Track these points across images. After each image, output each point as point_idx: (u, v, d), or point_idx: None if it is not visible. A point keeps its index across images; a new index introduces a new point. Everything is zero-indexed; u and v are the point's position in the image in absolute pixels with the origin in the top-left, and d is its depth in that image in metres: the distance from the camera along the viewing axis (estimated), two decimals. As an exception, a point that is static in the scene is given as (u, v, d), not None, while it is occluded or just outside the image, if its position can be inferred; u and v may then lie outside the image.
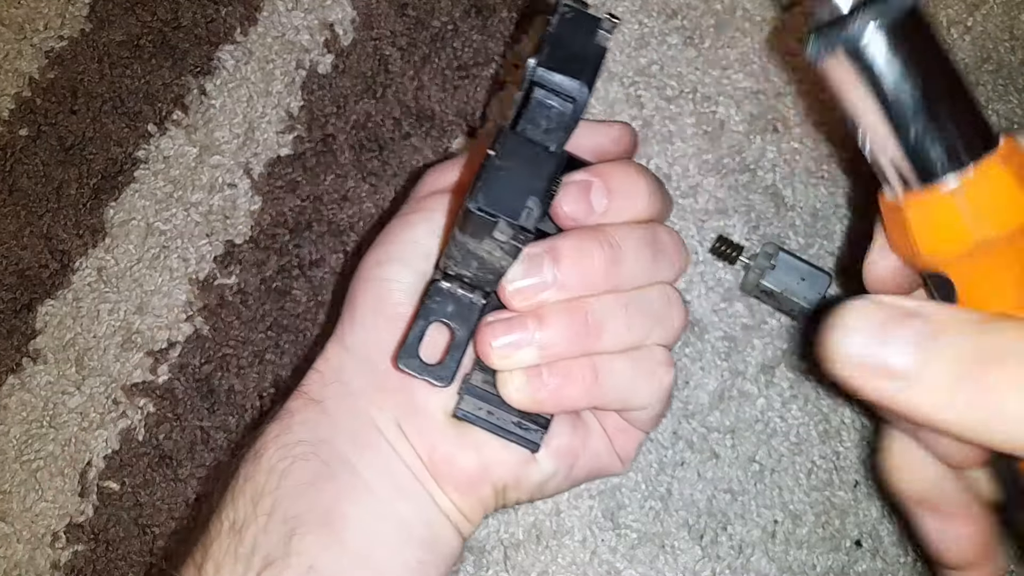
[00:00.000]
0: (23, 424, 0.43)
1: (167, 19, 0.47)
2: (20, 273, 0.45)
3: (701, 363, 0.42)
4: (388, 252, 0.31)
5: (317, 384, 0.31)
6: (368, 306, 0.31)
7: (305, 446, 0.29)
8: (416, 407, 0.30)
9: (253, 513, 0.28)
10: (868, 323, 0.21)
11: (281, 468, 0.29)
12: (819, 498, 0.40)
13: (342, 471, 0.29)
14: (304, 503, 0.28)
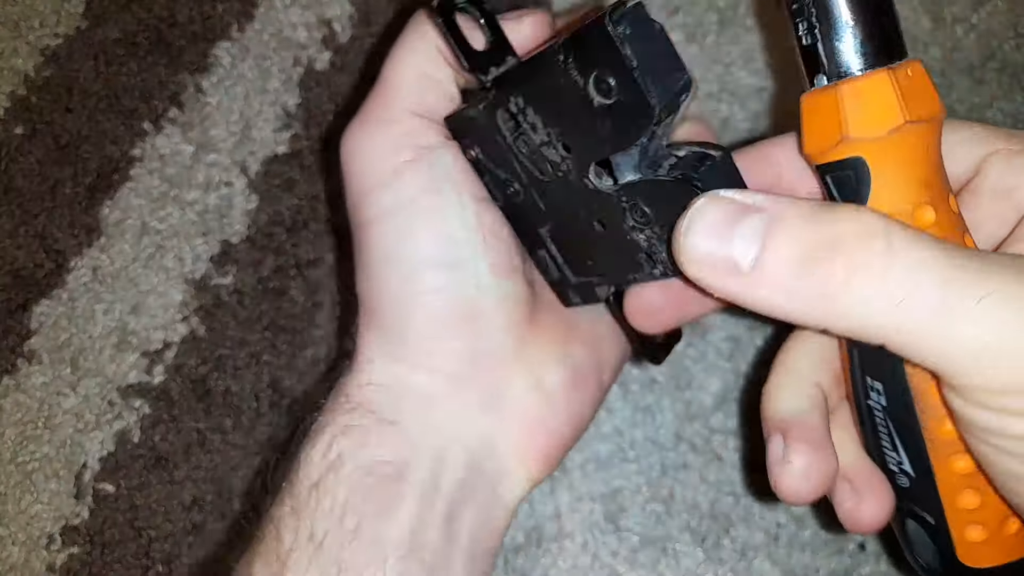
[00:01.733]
0: (18, 425, 0.43)
1: (163, 16, 0.47)
2: (15, 273, 0.44)
3: (704, 364, 0.41)
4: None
5: (388, 404, 0.29)
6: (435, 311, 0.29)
7: (389, 467, 0.28)
8: (500, 392, 0.29)
9: (339, 528, 0.27)
10: (712, 220, 0.22)
11: (365, 485, 0.27)
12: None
13: (426, 492, 0.28)
14: (394, 528, 0.27)
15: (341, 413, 0.29)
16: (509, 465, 0.29)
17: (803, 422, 0.27)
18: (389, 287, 0.29)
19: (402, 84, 0.29)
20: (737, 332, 0.41)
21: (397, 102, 0.29)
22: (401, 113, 0.29)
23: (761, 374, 0.32)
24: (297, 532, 0.27)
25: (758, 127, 0.44)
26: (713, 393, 0.41)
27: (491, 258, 0.29)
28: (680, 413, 0.41)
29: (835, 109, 0.24)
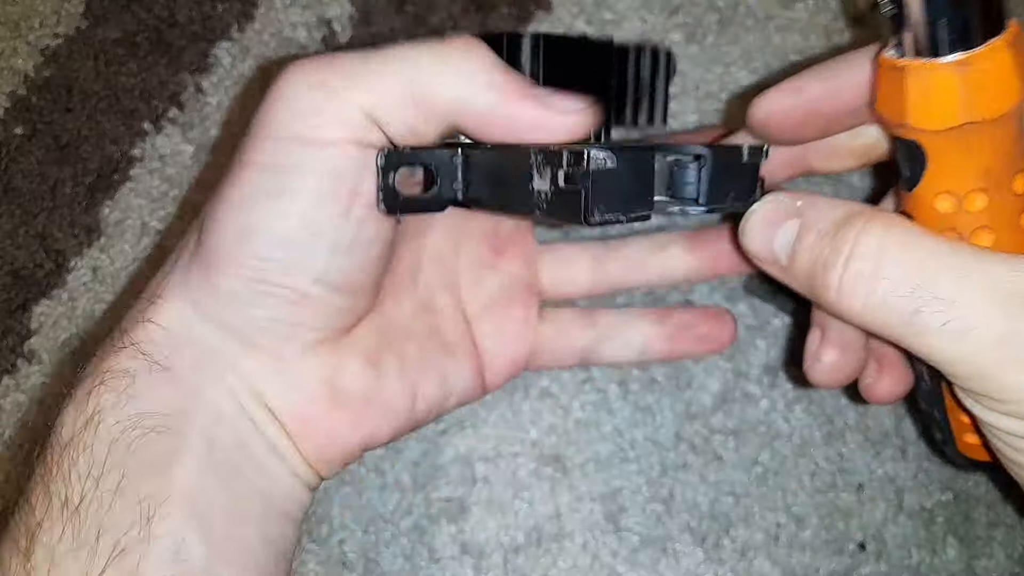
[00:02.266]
0: (18, 425, 0.43)
1: (163, 16, 0.47)
2: (15, 273, 0.44)
3: (704, 364, 0.41)
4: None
5: (164, 347, 0.27)
6: (241, 240, 0.26)
7: (156, 418, 0.26)
8: (284, 367, 0.28)
9: (95, 490, 0.25)
10: (761, 222, 0.27)
11: (127, 440, 0.25)
12: (823, 501, 0.40)
13: (200, 446, 0.26)
14: (162, 482, 0.25)
15: (107, 355, 0.27)
16: (289, 449, 0.29)
17: (840, 325, 0.30)
18: (232, 235, 0.26)
19: (400, 77, 0.26)
20: (737, 332, 0.41)
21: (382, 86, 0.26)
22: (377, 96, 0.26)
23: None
24: (49, 500, 0.25)
25: (758, 127, 0.44)
26: (713, 393, 0.41)
27: (343, 270, 0.27)
28: (680, 413, 0.41)
29: (900, 89, 0.24)
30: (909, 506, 0.40)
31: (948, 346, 0.23)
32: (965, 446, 0.30)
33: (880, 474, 0.40)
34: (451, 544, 0.40)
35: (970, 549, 0.39)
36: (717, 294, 0.42)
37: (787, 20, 0.45)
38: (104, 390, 0.26)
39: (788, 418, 0.41)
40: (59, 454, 0.25)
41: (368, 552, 0.40)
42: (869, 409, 0.41)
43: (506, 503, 0.40)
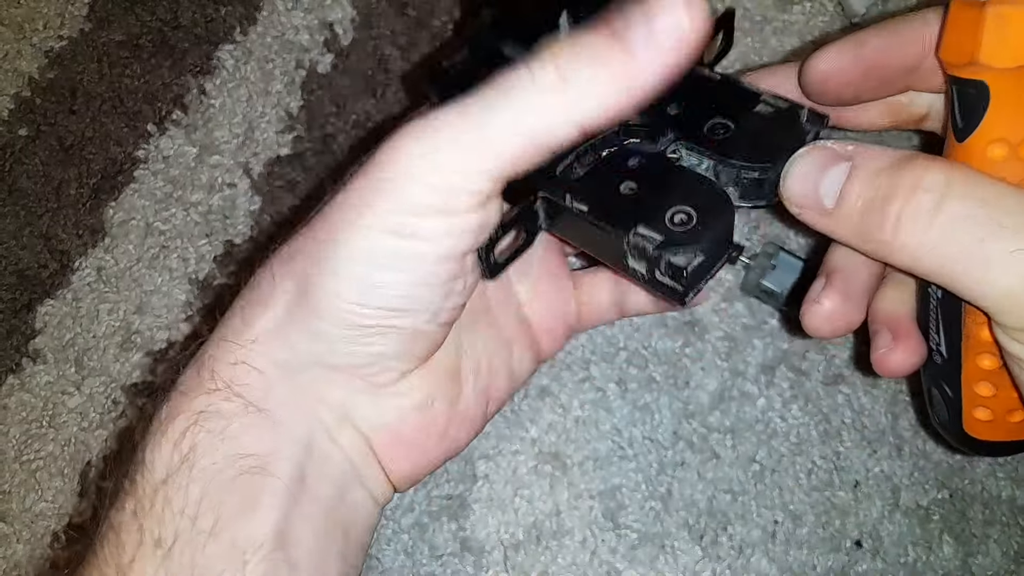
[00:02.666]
0: (23, 424, 0.43)
1: (166, 19, 0.47)
2: (20, 273, 0.45)
3: (701, 363, 0.42)
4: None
5: (258, 389, 0.27)
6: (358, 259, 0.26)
7: (251, 460, 0.26)
8: (378, 393, 0.28)
9: (190, 531, 0.25)
10: (808, 165, 0.26)
11: (222, 481, 0.25)
12: (819, 498, 0.40)
13: (293, 486, 0.26)
14: (256, 525, 0.25)
15: (199, 395, 0.27)
16: (374, 471, 0.29)
17: (848, 274, 0.30)
18: (353, 289, 0.26)
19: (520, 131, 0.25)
20: (734, 332, 0.42)
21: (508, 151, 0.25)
22: (505, 162, 0.25)
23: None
24: (141, 538, 0.25)
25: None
26: (710, 392, 0.41)
27: (455, 308, 0.28)
28: (678, 411, 0.41)
29: (976, 29, 0.24)
30: (905, 504, 0.40)
31: (1009, 276, 0.23)
32: (972, 423, 0.30)
33: (876, 472, 0.40)
34: (452, 541, 0.40)
35: (966, 547, 0.39)
36: (714, 294, 0.42)
37: (784, 23, 0.45)
38: (200, 430, 0.26)
39: (785, 416, 0.41)
40: (153, 490, 0.25)
41: (369, 549, 0.40)
42: (865, 407, 0.41)
43: (506, 500, 0.40)
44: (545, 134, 0.25)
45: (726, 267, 0.42)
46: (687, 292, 0.27)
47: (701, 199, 0.27)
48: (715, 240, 0.27)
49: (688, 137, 0.29)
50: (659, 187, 0.28)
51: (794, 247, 0.42)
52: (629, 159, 0.30)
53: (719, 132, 0.29)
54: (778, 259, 0.40)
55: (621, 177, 0.29)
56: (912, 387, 0.41)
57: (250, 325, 0.27)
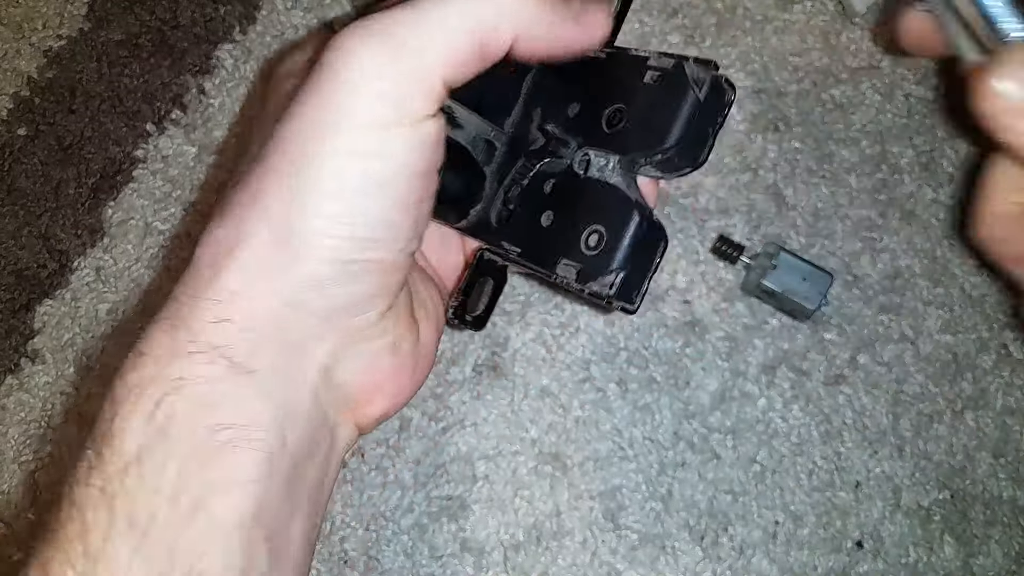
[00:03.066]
0: (21, 424, 0.43)
1: (166, 18, 0.47)
2: (18, 273, 0.45)
3: (702, 363, 0.41)
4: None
5: (244, 348, 0.25)
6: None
7: (234, 430, 0.24)
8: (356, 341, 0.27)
9: (169, 510, 0.23)
10: (1015, 68, 0.24)
11: (202, 456, 0.24)
12: (820, 499, 0.40)
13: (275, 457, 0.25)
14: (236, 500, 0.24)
15: (175, 359, 0.24)
16: (346, 422, 0.28)
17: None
18: (327, 222, 0.25)
19: (470, 31, 0.25)
20: (735, 332, 0.42)
21: (457, 50, 0.25)
22: (455, 64, 0.25)
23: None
24: (112, 518, 0.23)
25: (755, 128, 0.44)
26: (711, 392, 0.41)
27: (420, 236, 0.28)
28: (678, 412, 0.41)
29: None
30: (906, 504, 0.40)
31: None
32: None
33: (877, 473, 0.40)
34: (452, 542, 0.40)
35: (967, 547, 0.39)
36: (715, 294, 0.42)
37: (784, 22, 0.45)
38: (177, 399, 0.24)
39: (786, 417, 0.41)
40: (123, 466, 0.23)
41: (369, 550, 0.40)
42: (866, 408, 0.41)
43: (506, 501, 0.40)
44: (490, 35, 0.25)
45: (726, 267, 0.42)
46: (626, 307, 0.27)
47: (608, 213, 0.27)
48: (631, 248, 0.27)
49: (589, 140, 0.29)
50: (572, 210, 0.29)
51: (795, 247, 0.42)
52: (544, 184, 0.30)
53: (616, 121, 0.29)
54: (778, 259, 0.40)
55: (540, 208, 0.29)
56: (913, 388, 0.41)
57: (222, 278, 0.25)
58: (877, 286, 0.42)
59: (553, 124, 0.30)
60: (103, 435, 0.24)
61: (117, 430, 0.24)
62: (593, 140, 0.29)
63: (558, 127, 0.30)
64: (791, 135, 0.44)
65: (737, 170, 0.44)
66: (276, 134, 0.26)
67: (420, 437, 0.41)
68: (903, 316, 0.42)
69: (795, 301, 0.40)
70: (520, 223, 0.30)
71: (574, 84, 0.30)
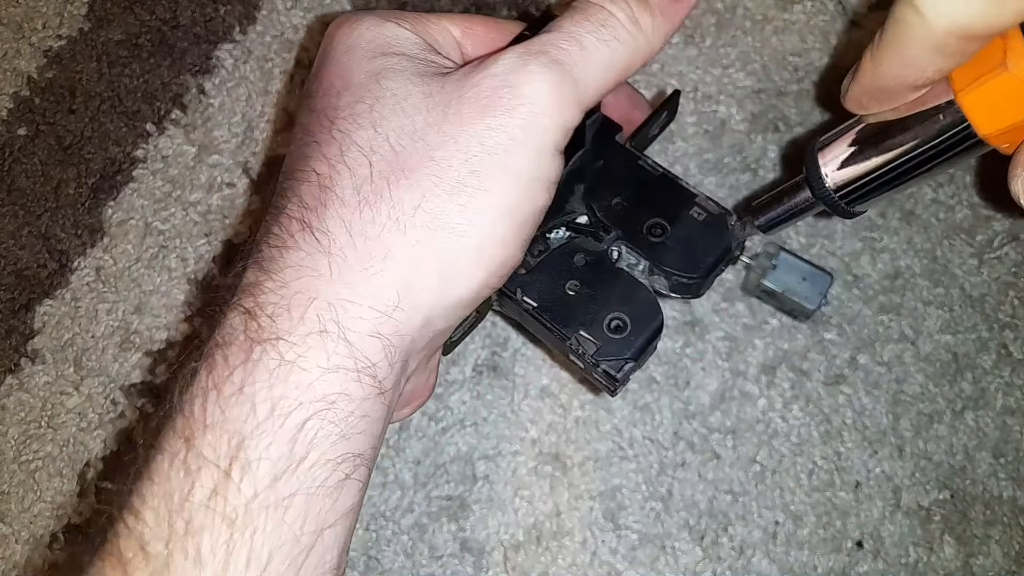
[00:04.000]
0: (21, 424, 0.43)
1: (166, 18, 0.47)
2: (18, 273, 0.45)
3: (702, 363, 0.41)
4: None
5: (386, 367, 0.23)
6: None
7: (353, 463, 0.23)
8: (432, 355, 0.29)
9: (288, 551, 0.22)
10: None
11: (329, 485, 0.22)
12: (820, 499, 0.40)
13: (366, 483, 0.25)
14: (347, 531, 0.24)
15: (327, 373, 0.23)
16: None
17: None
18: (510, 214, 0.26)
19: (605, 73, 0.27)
20: (735, 332, 0.42)
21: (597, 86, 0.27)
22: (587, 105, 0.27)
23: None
24: (230, 554, 0.21)
25: (755, 128, 0.44)
26: (711, 392, 0.41)
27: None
28: (678, 412, 0.41)
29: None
30: (906, 504, 0.40)
31: None
32: None
33: (877, 473, 0.40)
34: (452, 542, 0.40)
35: (967, 547, 0.39)
36: (715, 294, 0.42)
37: (784, 22, 0.45)
38: (321, 425, 0.22)
39: (786, 417, 0.41)
40: (251, 495, 0.22)
41: (369, 550, 0.40)
42: (866, 408, 0.41)
43: (506, 501, 0.40)
44: (630, 71, 0.27)
45: (727, 267, 0.42)
46: (615, 391, 0.31)
47: (636, 307, 0.31)
48: (645, 345, 0.31)
49: (628, 238, 0.33)
50: (600, 290, 0.32)
51: (794, 247, 0.42)
52: (575, 255, 0.33)
53: (656, 233, 0.33)
54: (778, 259, 0.40)
55: (567, 274, 0.32)
56: (913, 388, 0.41)
57: (381, 286, 0.24)
58: (877, 286, 0.42)
59: (598, 206, 0.33)
60: (234, 455, 0.22)
61: (253, 455, 0.22)
62: (631, 239, 0.33)
63: (602, 212, 0.33)
64: (791, 135, 0.44)
65: (737, 170, 0.44)
66: (448, 133, 0.25)
67: (420, 437, 0.41)
68: (903, 316, 0.42)
69: (795, 301, 0.40)
70: (544, 281, 0.32)
71: (621, 182, 0.34)
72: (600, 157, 0.34)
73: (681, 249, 0.32)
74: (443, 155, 0.25)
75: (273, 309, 0.23)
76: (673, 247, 0.32)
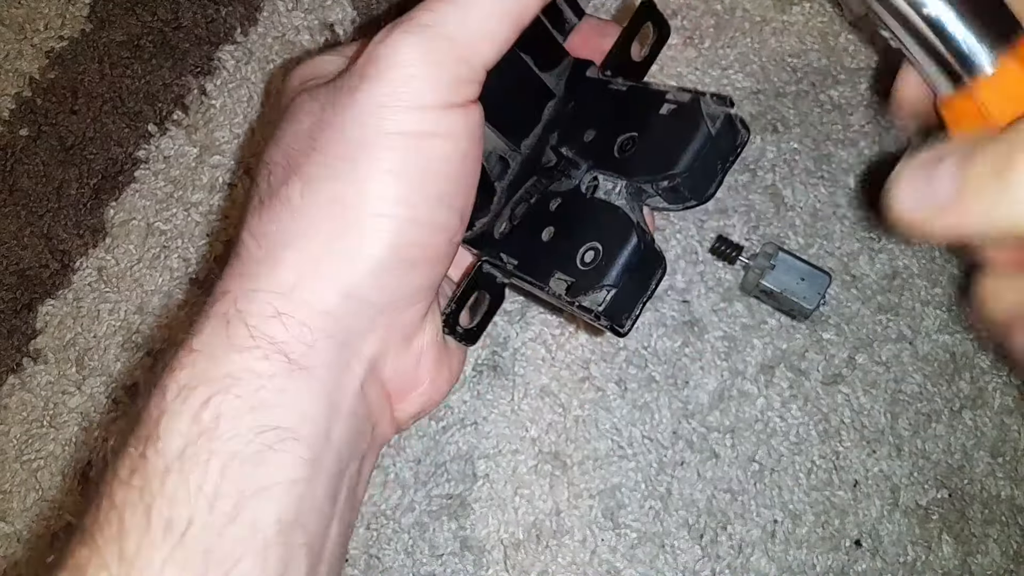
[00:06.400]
0: (23, 424, 0.43)
1: (167, 19, 0.47)
2: (21, 273, 0.45)
3: (701, 363, 0.42)
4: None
5: (301, 344, 0.24)
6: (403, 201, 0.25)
7: (280, 432, 0.23)
8: (406, 337, 0.28)
9: (208, 514, 0.22)
10: (915, 172, 0.23)
11: (246, 456, 0.23)
12: (819, 498, 0.40)
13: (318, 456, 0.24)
14: (281, 505, 0.23)
15: (229, 354, 0.24)
16: (385, 420, 0.28)
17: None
18: (388, 203, 0.25)
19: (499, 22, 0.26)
20: (734, 332, 0.42)
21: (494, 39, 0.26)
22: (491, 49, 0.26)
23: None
24: (148, 522, 0.22)
25: (754, 129, 0.44)
26: (710, 391, 0.41)
27: (464, 224, 0.28)
28: (677, 411, 0.41)
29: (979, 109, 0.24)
30: (904, 503, 0.40)
31: None
32: None
33: (875, 472, 0.40)
34: (452, 540, 0.40)
35: (965, 546, 0.39)
36: (714, 294, 0.42)
37: (783, 24, 0.45)
38: (226, 398, 0.23)
39: (784, 416, 0.41)
40: (165, 468, 0.23)
41: (370, 548, 0.40)
42: (864, 407, 0.41)
43: (506, 500, 0.40)
44: (524, 13, 0.26)
45: (725, 267, 0.42)
46: (614, 327, 0.27)
47: (607, 232, 0.28)
48: (626, 267, 0.27)
49: (599, 164, 0.30)
50: (572, 227, 0.29)
51: (794, 247, 0.42)
52: (551, 203, 0.30)
53: (628, 148, 0.29)
54: (777, 259, 0.40)
55: (542, 224, 0.30)
56: (911, 387, 0.41)
57: (280, 270, 0.25)
58: (875, 286, 0.42)
59: (567, 147, 0.31)
60: (148, 435, 0.23)
61: (163, 431, 0.23)
62: (603, 164, 0.30)
63: (571, 150, 0.31)
64: (790, 136, 0.44)
65: (736, 170, 0.44)
66: (327, 121, 0.26)
67: (420, 436, 0.42)
68: (901, 316, 0.42)
69: (793, 301, 0.40)
70: (522, 237, 0.30)
71: (593, 112, 0.31)
72: (570, 100, 0.32)
73: (653, 152, 0.28)
74: (323, 141, 0.26)
75: (196, 319, 0.26)
76: (644, 154, 0.29)
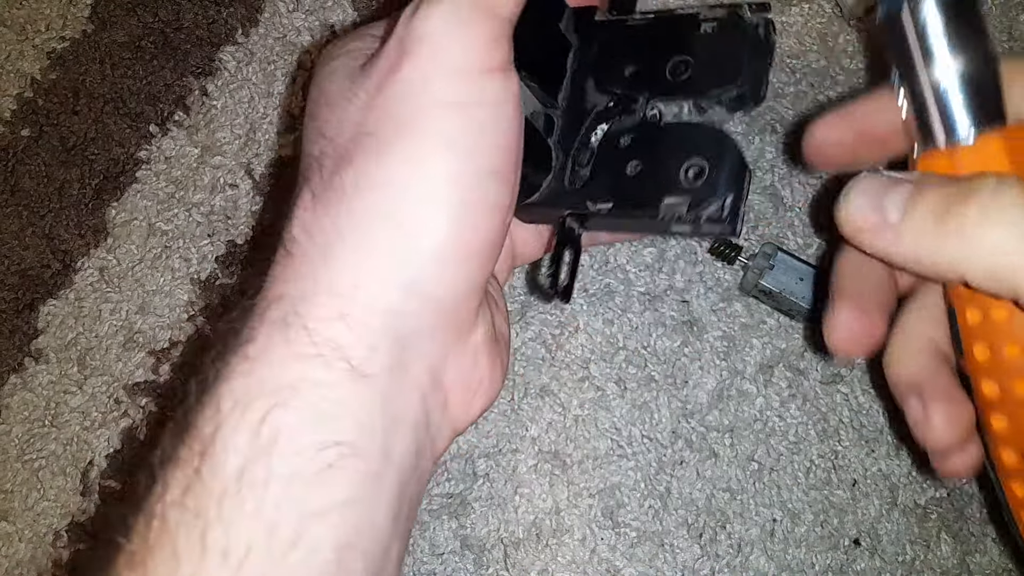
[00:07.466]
0: (25, 423, 0.43)
1: (168, 20, 0.48)
2: (22, 273, 0.45)
3: (700, 362, 0.42)
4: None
5: (362, 348, 0.23)
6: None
7: (343, 448, 0.22)
8: (462, 338, 0.26)
9: (268, 540, 0.21)
10: (868, 190, 0.25)
11: (307, 476, 0.22)
12: (817, 497, 0.40)
13: (381, 472, 0.23)
14: (339, 529, 0.22)
15: (288, 362, 0.22)
16: (445, 427, 0.27)
17: (932, 380, 0.29)
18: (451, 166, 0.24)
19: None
20: (733, 331, 0.42)
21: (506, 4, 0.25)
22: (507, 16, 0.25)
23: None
24: (204, 548, 0.21)
25: (753, 129, 0.44)
26: (709, 391, 0.42)
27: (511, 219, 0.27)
28: (677, 410, 0.41)
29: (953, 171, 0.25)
30: (903, 503, 0.40)
31: None
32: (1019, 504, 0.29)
33: (874, 471, 0.40)
34: (452, 539, 0.40)
35: (964, 545, 0.40)
36: (713, 294, 0.42)
37: (782, 24, 0.45)
38: (286, 412, 0.22)
39: (783, 415, 0.41)
40: (221, 489, 0.21)
41: (370, 547, 0.40)
42: (863, 407, 0.41)
43: (506, 499, 0.41)
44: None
45: (724, 267, 0.42)
46: (734, 228, 0.28)
47: (701, 144, 0.29)
48: (732, 172, 0.28)
49: (659, 92, 0.30)
50: (659, 153, 0.29)
51: (793, 247, 0.42)
52: (619, 140, 0.30)
53: (681, 70, 0.30)
54: (776, 259, 0.40)
55: (622, 161, 0.30)
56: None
57: (338, 267, 0.23)
58: (874, 286, 0.42)
59: (614, 86, 0.31)
60: (203, 451, 0.22)
61: (220, 447, 0.22)
62: (661, 91, 0.30)
63: (621, 87, 0.31)
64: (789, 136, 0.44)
65: (735, 171, 0.44)
66: (371, 104, 0.25)
67: (421, 435, 0.42)
68: (900, 316, 0.42)
69: (792, 301, 0.40)
70: (603, 181, 0.30)
71: (624, 50, 0.31)
72: (591, 45, 0.32)
73: (712, 67, 0.29)
74: (372, 126, 0.24)
75: (246, 322, 0.24)
76: (704, 71, 0.30)
